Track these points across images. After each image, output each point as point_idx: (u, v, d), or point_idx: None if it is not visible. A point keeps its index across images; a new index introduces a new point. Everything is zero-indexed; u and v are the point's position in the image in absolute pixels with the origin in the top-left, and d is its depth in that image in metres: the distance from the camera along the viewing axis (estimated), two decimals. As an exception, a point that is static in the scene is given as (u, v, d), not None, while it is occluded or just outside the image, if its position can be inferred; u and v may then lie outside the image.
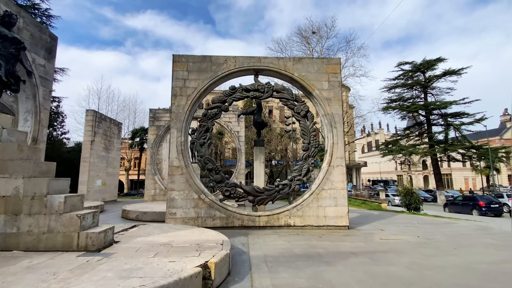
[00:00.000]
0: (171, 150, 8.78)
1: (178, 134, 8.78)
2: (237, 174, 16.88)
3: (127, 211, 10.95)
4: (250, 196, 8.71)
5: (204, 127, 8.93)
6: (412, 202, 15.94)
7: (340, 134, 9.09)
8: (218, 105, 9.07)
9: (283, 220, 8.60)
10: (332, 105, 9.18)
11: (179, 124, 8.81)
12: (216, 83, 9.24)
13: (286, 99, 9.25)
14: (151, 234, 5.80)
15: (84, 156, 16.62)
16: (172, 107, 8.93)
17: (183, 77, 9.08)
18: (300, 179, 8.84)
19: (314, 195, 8.76)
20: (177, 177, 8.64)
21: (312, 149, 9.00)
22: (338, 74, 9.41)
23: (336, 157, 8.98)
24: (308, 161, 8.95)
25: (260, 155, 10.51)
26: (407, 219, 11.88)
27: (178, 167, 8.68)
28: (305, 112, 9.14)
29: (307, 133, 9.09)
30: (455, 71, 30.79)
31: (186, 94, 8.99)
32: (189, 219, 8.48)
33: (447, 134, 30.20)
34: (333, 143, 9.03)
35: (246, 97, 9.23)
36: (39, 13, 28.44)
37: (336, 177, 8.89)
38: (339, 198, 8.82)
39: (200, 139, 8.89)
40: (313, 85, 9.21)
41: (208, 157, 8.80)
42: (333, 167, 8.92)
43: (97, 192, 17.44)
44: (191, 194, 8.59)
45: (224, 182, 8.72)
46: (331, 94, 9.25)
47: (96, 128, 17.26)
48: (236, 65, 9.15)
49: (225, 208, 8.58)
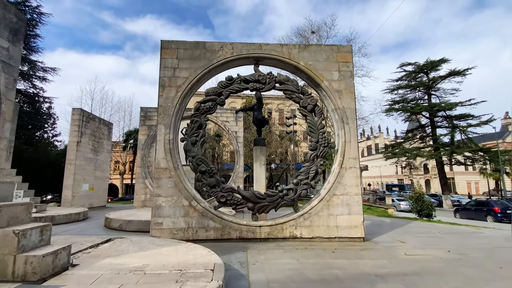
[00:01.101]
0: (158, 149, 7.56)
1: (166, 130, 7.57)
2: (235, 177, 15.62)
3: (110, 219, 9.68)
4: (250, 202, 7.49)
5: (196, 123, 7.74)
6: (424, 208, 14.73)
7: (353, 131, 7.92)
8: (213, 97, 7.89)
9: (288, 231, 7.36)
10: (343, 98, 8.03)
11: (167, 119, 7.61)
12: (211, 72, 8.08)
13: (290, 92, 8.08)
14: (124, 253, 4.56)
15: (69, 158, 15.34)
16: (160, 100, 7.74)
17: (173, 65, 7.91)
18: (308, 183, 7.64)
19: (324, 202, 7.55)
20: (164, 180, 7.42)
21: (321, 149, 7.82)
22: (350, 63, 8.28)
23: (348, 157, 7.79)
24: (317, 162, 7.76)
25: (260, 156, 9.30)
26: (424, 227, 10.66)
27: (165, 169, 7.45)
28: (313, 106, 7.98)
29: (315, 130, 7.91)
30: (460, 72, 29.88)
31: (176, 85, 7.81)
32: (178, 230, 7.23)
33: (453, 136, 29.14)
34: (345, 142, 7.85)
35: (245, 89, 8.06)
36: (29, 10, 27.44)
37: (349, 181, 7.69)
38: (353, 205, 7.61)
39: (192, 137, 7.69)
40: (322, 75, 8.06)
41: (201, 158, 7.59)
42: (346, 169, 7.73)
43: (84, 198, 16.13)
44: (180, 201, 7.36)
45: (219, 187, 7.51)
46: (342, 86, 8.10)
47: (83, 128, 16.01)
48: (234, 53, 8.00)
49: (220, 217, 7.35)
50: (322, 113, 8.04)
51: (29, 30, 26.56)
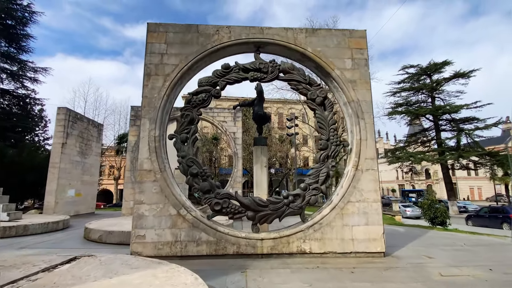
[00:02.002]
0: (141, 148, 6.42)
1: (150, 126, 6.45)
2: (233, 182, 14.43)
3: (89, 229, 8.47)
4: (249, 211, 6.33)
5: (187, 117, 6.62)
6: (438, 215, 13.57)
7: (369, 127, 6.83)
8: (207, 88, 6.79)
9: (295, 245, 6.19)
10: (357, 89, 6.95)
11: (153, 113, 6.49)
12: (205, 60, 7.00)
13: (296, 82, 7.00)
14: (82, 281, 3.38)
15: (53, 161, 14.13)
16: (144, 90, 6.64)
17: (160, 51, 6.83)
18: (317, 187, 6.50)
19: (337, 210, 6.40)
20: (148, 185, 6.26)
21: (332, 147, 6.70)
22: (364, 50, 7.23)
23: (365, 158, 6.67)
24: (328, 163, 6.64)
25: (261, 157, 8.17)
26: (445, 237, 9.51)
27: (149, 171, 6.30)
28: (322, 98, 6.89)
29: (325, 126, 6.81)
30: (465, 74, 29.05)
31: (164, 73, 6.71)
32: (163, 245, 6.05)
33: (459, 140, 28.14)
34: (360, 140, 6.75)
35: (244, 79, 6.97)
36: (20, 8, 26.53)
37: (366, 185, 6.56)
38: (371, 214, 6.46)
39: (182, 134, 6.56)
40: (332, 63, 7.00)
41: (192, 158, 6.45)
42: (362, 172, 6.60)
43: (69, 204, 14.87)
44: (167, 209, 6.19)
45: (213, 192, 6.35)
46: (356, 75, 7.04)
47: (70, 128, 14.84)
48: (231, 37, 6.93)
49: (214, 229, 6.17)
50: (333, 106, 6.95)
51: (19, 29, 25.66)
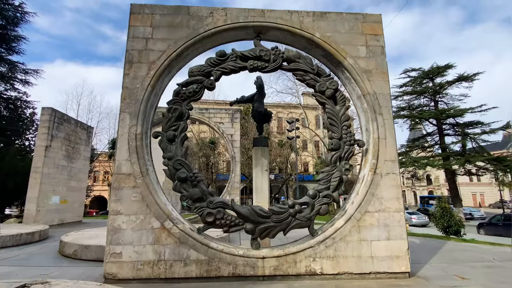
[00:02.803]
0: (119, 147, 5.41)
1: (131, 121, 5.45)
2: (230, 188, 13.36)
3: (64, 243, 7.38)
4: (248, 223, 5.29)
5: (175, 111, 5.62)
6: (452, 224, 12.55)
7: (389, 124, 5.86)
8: (199, 78, 5.81)
9: (304, 265, 5.14)
10: (373, 80, 6.01)
11: (134, 106, 5.50)
12: (196, 46, 6.04)
13: (303, 72, 6.04)
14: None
15: (35, 165, 13.04)
16: (125, 80, 5.65)
17: (145, 35, 5.88)
18: (329, 195, 5.48)
19: (352, 222, 5.37)
20: (127, 192, 5.22)
21: (345, 148, 5.71)
22: (380, 36, 6.31)
23: (384, 159, 5.68)
24: (340, 166, 5.64)
25: (262, 160, 7.15)
26: (467, 250, 8.47)
27: (128, 175, 5.28)
28: (333, 90, 5.93)
29: (336, 122, 5.83)
30: (469, 77, 28.38)
31: (148, 61, 5.75)
32: (144, 264, 4.98)
33: (465, 144, 27.26)
34: (378, 138, 5.77)
35: (242, 68, 6.01)
36: (11, 8, 25.82)
37: (387, 192, 5.56)
38: (393, 227, 5.44)
39: (169, 131, 5.56)
40: (344, 50, 6.06)
41: (181, 160, 5.43)
42: (381, 176, 5.60)
43: (53, 212, 13.72)
44: (148, 221, 5.14)
45: (206, 200, 5.32)
46: (372, 64, 6.10)
47: (55, 130, 13.79)
48: (227, 20, 6.00)
49: (205, 245, 5.12)
50: (345, 100, 5.98)
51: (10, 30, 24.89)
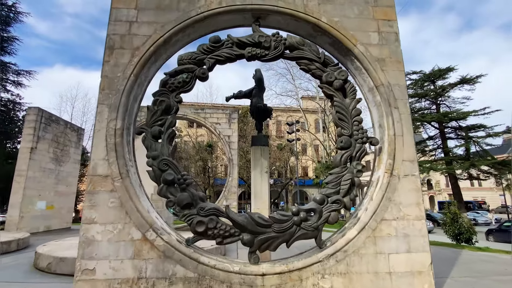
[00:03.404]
0: (95, 144, 4.65)
1: (111, 115, 4.71)
2: (227, 193, 12.55)
3: (38, 255, 6.57)
4: (246, 233, 4.52)
5: (162, 104, 4.89)
6: (463, 232, 11.78)
7: (406, 119, 5.16)
8: (190, 67, 5.10)
9: (311, 283, 4.36)
10: (388, 70, 5.32)
11: (114, 98, 4.77)
12: (187, 32, 5.35)
13: (308, 61, 5.33)
14: None
15: (19, 168, 12.22)
16: (104, 69, 4.93)
17: (129, 18, 5.18)
18: (339, 200, 4.72)
19: (367, 232, 4.62)
20: (103, 196, 4.46)
21: (357, 146, 4.98)
22: (394, 21, 5.64)
23: (402, 159, 4.96)
24: (351, 167, 4.90)
25: (261, 160, 6.40)
26: (488, 261, 7.72)
27: (105, 177, 4.52)
28: (342, 81, 5.22)
29: (346, 117, 5.11)
30: (472, 79, 27.88)
31: (132, 47, 5.04)
32: (122, 283, 4.19)
33: (469, 148, 26.63)
34: (395, 135, 5.06)
35: (239, 56, 5.30)
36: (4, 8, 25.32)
37: (406, 197, 4.82)
38: (414, 237, 4.69)
39: (154, 126, 4.82)
40: (354, 37, 5.38)
41: (168, 159, 4.68)
42: (399, 178, 4.87)
43: (38, 218, 12.86)
44: (128, 231, 4.37)
45: (196, 207, 4.56)
46: (385, 52, 5.42)
47: (42, 131, 13.02)
48: (222, 2, 5.31)
49: (195, 260, 4.34)
50: (355, 92, 5.28)
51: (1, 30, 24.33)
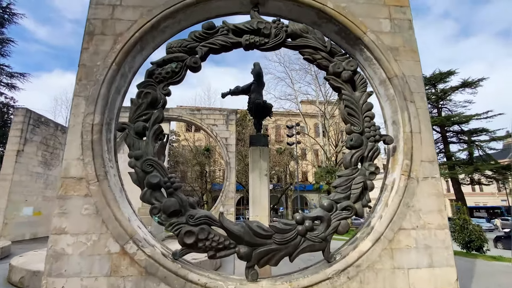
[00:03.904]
0: (69, 142, 4.04)
1: (88, 108, 4.11)
2: (224, 198, 11.89)
3: (12, 267, 5.90)
4: (242, 245, 3.89)
5: (147, 96, 4.29)
6: (474, 239, 11.15)
7: (423, 114, 4.58)
8: (180, 56, 4.52)
9: (319, 305, 3.73)
10: (401, 60, 4.76)
11: (93, 89, 4.18)
12: (178, 17, 4.79)
13: (312, 50, 4.77)
14: None
15: (4, 172, 11.56)
16: (82, 57, 4.35)
17: (112, 1, 4.63)
18: (350, 206, 4.10)
19: (383, 243, 3.99)
20: (76, 202, 3.83)
21: (369, 145, 4.38)
22: (406, 8, 5.11)
23: (421, 160, 4.36)
24: (363, 168, 4.30)
25: (261, 162, 5.79)
26: (506, 272, 7.08)
27: (79, 179, 3.90)
28: (351, 72, 4.64)
29: (356, 112, 4.52)
30: (474, 82, 27.54)
31: (115, 32, 4.47)
32: (95, 305, 3.54)
33: (472, 152, 26.13)
34: (412, 132, 4.47)
35: (235, 45, 4.74)
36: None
37: (426, 202, 4.21)
38: (437, 249, 4.07)
39: (138, 122, 4.21)
40: (363, 24, 4.84)
41: (153, 160, 4.07)
42: (417, 181, 4.27)
43: (24, 225, 12.14)
44: (104, 243, 3.73)
45: (185, 214, 3.93)
46: (398, 41, 4.87)
47: (29, 133, 12.40)
48: (217, -15, 4.78)
49: (182, 277, 3.70)
50: (366, 84, 4.70)
51: (-6, 31, 23.97)
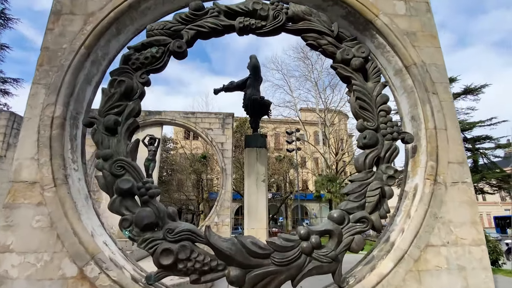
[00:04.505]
0: (22, 137, 3.32)
1: (48, 98, 3.42)
2: (219, 208, 11.03)
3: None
4: (234, 266, 3.12)
5: (121, 85, 3.60)
6: (489, 252, 10.31)
7: (448, 107, 3.90)
8: (162, 39, 3.86)
9: None
10: (420, 47, 4.11)
11: (56, 76, 3.49)
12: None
13: (317, 34, 4.12)
14: None
15: (-17, 180, 10.75)
16: (46, 39, 3.69)
17: (84, -22, 4.01)
18: (365, 217, 3.36)
19: (407, 264, 3.23)
20: (26, 212, 3.09)
21: (386, 144, 3.68)
22: (423, -11, 4.51)
23: (448, 161, 3.65)
24: (380, 171, 3.58)
25: (257, 166, 5.05)
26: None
27: (32, 184, 3.16)
28: (362, 60, 3.97)
29: (370, 105, 3.84)
30: (475, 89, 27.13)
31: (85, 12, 3.82)
32: None
33: (477, 160, 25.47)
34: (436, 129, 3.77)
35: (228, 28, 4.10)
36: (-8, 14, 24.69)
37: (457, 213, 3.48)
38: (473, 270, 3.31)
39: (109, 115, 3.51)
40: (374, 6, 4.22)
41: (124, 160, 3.34)
42: (445, 187, 3.54)
43: None
44: (58, 264, 2.97)
45: (163, 228, 3.18)
46: (416, 25, 4.24)
47: (13, 138, 11.65)
48: (207, -38, 4.17)
49: (155, 309, 2.92)
50: (380, 74, 4.04)
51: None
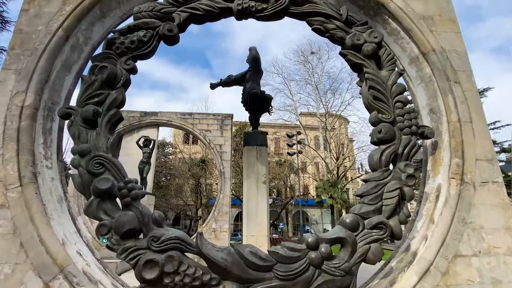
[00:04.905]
0: (-16, 130, 2.89)
1: (18, 85, 2.99)
2: (217, 213, 10.50)
3: None
4: (230, 281, 2.65)
5: (102, 72, 3.16)
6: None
7: (473, 99, 3.47)
8: (150, 22, 3.45)
9: None
10: (438, 32, 3.70)
11: (29, 61, 3.07)
12: (152, -22, 3.77)
13: (324, 18, 3.71)
14: None
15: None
16: (20, 20, 3.28)
17: (65, -45, 3.61)
18: (383, 223, 2.90)
19: (434, 278, 2.76)
20: (-17, 217, 2.63)
21: (403, 139, 3.23)
22: (439, -28, 4.13)
23: (475, 158, 3.20)
24: (398, 170, 3.13)
25: (257, 166, 4.59)
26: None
27: (-7, 183, 2.71)
28: (375, 45, 3.55)
29: (385, 95, 3.40)
30: (479, 92, 26.95)
31: (65, -9, 3.42)
32: None
33: (481, 164, 25.14)
34: (460, 122, 3.34)
35: (225, 11, 3.70)
36: (-10, 17, 24.58)
37: (488, 217, 3.02)
38: (509, 283, 2.83)
39: (88, 105, 3.07)
40: (387, -12, 3.83)
41: (104, 157, 2.90)
42: (474, 188, 3.09)
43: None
44: (20, 279, 2.49)
45: (148, 235, 2.71)
46: (432, 9, 3.84)
47: (3, 141, 11.22)
48: None
49: (135, 333, 2.43)
50: (394, 61, 3.61)
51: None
